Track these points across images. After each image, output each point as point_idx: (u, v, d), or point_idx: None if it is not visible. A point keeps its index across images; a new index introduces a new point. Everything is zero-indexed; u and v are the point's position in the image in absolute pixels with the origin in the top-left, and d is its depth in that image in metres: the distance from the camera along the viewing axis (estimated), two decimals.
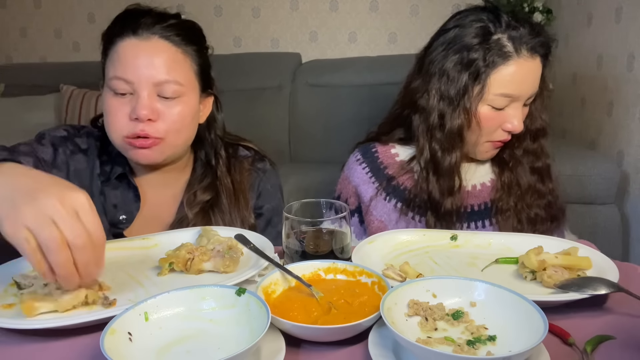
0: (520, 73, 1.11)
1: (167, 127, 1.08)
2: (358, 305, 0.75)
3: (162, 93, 1.07)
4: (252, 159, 1.28)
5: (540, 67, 1.15)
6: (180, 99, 1.09)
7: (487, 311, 0.72)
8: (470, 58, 1.12)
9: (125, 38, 1.08)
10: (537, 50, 1.13)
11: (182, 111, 1.09)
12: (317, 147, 2.67)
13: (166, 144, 1.09)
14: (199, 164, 1.24)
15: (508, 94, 1.12)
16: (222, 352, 0.66)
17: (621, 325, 0.74)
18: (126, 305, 0.72)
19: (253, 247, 0.92)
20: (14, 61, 3.28)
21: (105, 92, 1.10)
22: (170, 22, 1.11)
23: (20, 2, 3.20)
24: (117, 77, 1.06)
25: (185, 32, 1.13)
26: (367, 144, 1.31)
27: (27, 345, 0.73)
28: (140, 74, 1.05)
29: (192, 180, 1.22)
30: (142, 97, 1.05)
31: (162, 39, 1.09)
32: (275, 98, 2.72)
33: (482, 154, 1.22)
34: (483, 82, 1.12)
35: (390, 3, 2.87)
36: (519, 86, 1.12)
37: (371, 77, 2.60)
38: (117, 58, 1.07)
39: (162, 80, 1.06)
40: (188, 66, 1.12)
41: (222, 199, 1.19)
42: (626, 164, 2.02)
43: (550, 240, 0.97)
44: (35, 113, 2.76)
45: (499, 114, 1.14)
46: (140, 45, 1.07)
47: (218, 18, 3.08)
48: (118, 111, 1.07)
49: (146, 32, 1.08)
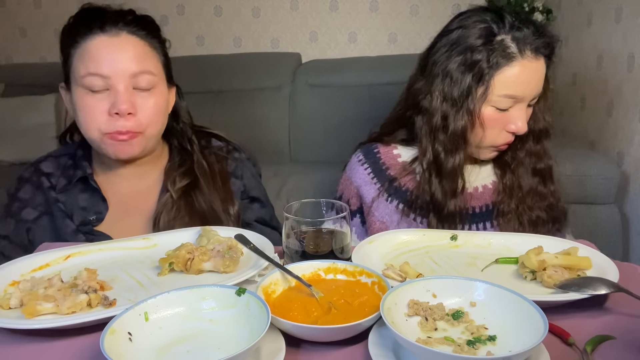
0: (524, 74, 1.11)
1: (146, 119, 1.10)
2: (358, 305, 0.75)
3: (138, 85, 1.09)
4: (226, 149, 1.31)
5: (544, 67, 1.14)
6: (154, 90, 1.12)
7: (487, 311, 0.72)
8: (474, 59, 1.11)
9: (94, 36, 1.09)
10: (541, 51, 1.12)
11: (157, 102, 1.13)
12: (317, 147, 2.68)
13: (145, 136, 1.12)
14: (174, 152, 1.27)
15: (512, 95, 1.12)
16: (222, 352, 0.66)
17: (621, 325, 0.74)
18: (126, 305, 0.72)
19: (253, 247, 0.92)
20: (14, 61, 3.28)
21: (77, 91, 1.10)
22: (131, 17, 1.14)
23: (20, 2, 3.20)
24: (91, 73, 1.07)
25: (148, 26, 1.16)
26: (369, 145, 1.31)
27: (27, 345, 0.73)
28: (115, 67, 1.07)
29: (169, 167, 1.25)
30: (120, 91, 1.07)
31: (130, 34, 1.11)
32: (275, 98, 2.72)
33: (485, 154, 1.22)
34: (487, 83, 1.11)
35: (390, 3, 2.87)
36: (523, 87, 1.12)
37: (371, 77, 2.60)
38: (88, 56, 1.08)
39: (137, 71, 1.09)
40: (157, 58, 1.15)
41: (200, 182, 1.21)
42: (626, 164, 2.02)
43: (550, 240, 0.97)
44: (35, 113, 2.76)
45: (503, 115, 1.14)
46: (111, 42, 1.09)
47: (218, 18, 3.07)
48: (94, 108, 1.08)
49: (114, 28, 1.10)
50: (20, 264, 0.90)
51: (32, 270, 0.90)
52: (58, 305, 0.76)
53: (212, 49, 3.04)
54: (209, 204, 1.19)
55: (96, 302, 0.78)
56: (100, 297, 0.79)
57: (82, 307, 0.77)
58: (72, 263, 0.94)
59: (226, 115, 2.69)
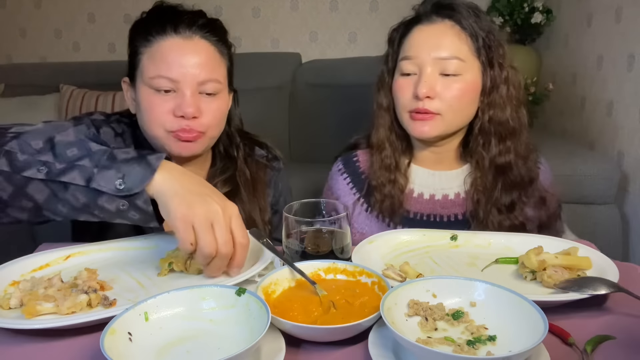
0: (419, 37, 1.16)
1: (208, 122, 1.11)
2: (358, 305, 0.75)
3: (204, 90, 1.10)
4: (267, 157, 1.33)
5: (446, 31, 1.14)
6: (219, 95, 1.13)
7: (487, 311, 0.72)
8: (391, 36, 1.24)
9: (167, 37, 1.09)
10: (437, 14, 1.16)
11: (220, 106, 1.14)
12: (317, 147, 2.67)
13: (206, 137, 1.13)
14: (218, 157, 1.26)
15: (406, 56, 1.16)
16: (222, 352, 0.66)
17: (621, 325, 0.74)
18: (126, 305, 0.72)
19: (266, 242, 0.92)
20: (14, 61, 3.28)
21: (143, 90, 1.10)
22: (203, 21, 1.13)
23: (20, 2, 3.20)
24: (161, 76, 1.07)
25: (218, 31, 1.16)
26: (349, 154, 1.32)
27: (27, 345, 0.73)
28: (185, 73, 1.07)
29: (212, 173, 1.25)
30: (187, 95, 1.07)
31: (203, 39, 1.11)
32: (275, 98, 2.72)
33: (407, 125, 1.18)
34: (395, 50, 1.21)
35: (390, 3, 2.87)
36: (417, 49, 1.15)
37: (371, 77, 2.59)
38: (160, 57, 1.08)
39: (206, 79, 1.09)
40: (224, 65, 1.16)
41: (242, 190, 1.22)
42: (626, 164, 2.02)
43: (550, 240, 0.97)
44: (35, 113, 2.76)
45: (408, 81, 1.16)
46: (184, 45, 1.09)
47: None
48: (160, 107, 1.08)
49: (188, 31, 1.10)
50: (20, 264, 0.90)
51: (32, 270, 0.90)
52: (58, 306, 0.76)
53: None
54: (248, 213, 1.20)
55: (96, 302, 0.78)
56: (100, 297, 0.79)
57: (82, 307, 0.77)
58: (72, 263, 0.94)
59: None
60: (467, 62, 1.13)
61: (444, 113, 1.13)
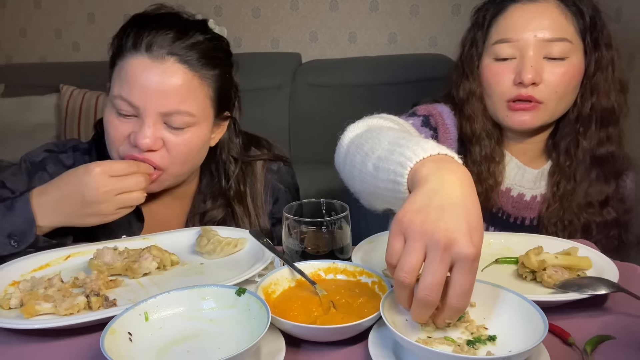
0: (517, 16, 1.06)
1: (171, 158, 0.99)
2: (358, 305, 0.75)
3: (170, 123, 0.97)
4: (264, 161, 1.20)
5: (552, 10, 1.05)
6: (190, 128, 1.00)
7: (487, 311, 0.72)
8: (476, 17, 1.12)
9: (136, 55, 0.97)
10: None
11: (190, 141, 1.00)
12: (317, 147, 2.67)
13: (167, 175, 1.01)
14: (206, 177, 1.16)
15: (505, 39, 1.06)
16: (222, 352, 0.66)
17: (621, 325, 0.73)
18: (126, 305, 0.72)
19: (266, 242, 0.92)
20: (14, 61, 3.28)
21: (108, 107, 1.01)
22: (193, 40, 0.99)
23: (20, 2, 3.20)
24: (122, 97, 0.97)
25: (209, 53, 1.01)
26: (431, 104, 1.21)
27: (27, 345, 0.73)
28: (147, 100, 0.95)
29: (199, 193, 1.16)
30: (147, 125, 0.96)
31: (179, 63, 0.97)
32: (275, 98, 2.72)
33: (504, 116, 1.10)
34: (485, 32, 1.10)
35: (390, 3, 2.87)
36: (518, 30, 1.05)
37: (371, 77, 2.59)
38: (124, 76, 0.97)
39: (172, 111, 0.96)
40: (203, 94, 1.01)
41: (236, 213, 1.14)
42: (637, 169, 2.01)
43: (550, 240, 0.97)
44: (35, 113, 2.76)
45: (505, 66, 1.06)
46: (152, 68, 0.96)
47: (218, 18, 3.07)
48: (117, 131, 0.99)
49: (162, 50, 0.96)
50: (20, 264, 0.90)
51: (32, 270, 0.90)
52: (56, 306, 0.75)
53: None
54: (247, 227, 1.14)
55: (97, 305, 0.77)
56: (101, 301, 0.78)
57: (79, 309, 0.76)
58: (72, 263, 0.94)
59: None
60: (574, 43, 1.04)
61: (547, 101, 1.04)
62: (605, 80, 1.07)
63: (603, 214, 1.09)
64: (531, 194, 1.16)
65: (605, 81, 1.07)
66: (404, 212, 0.62)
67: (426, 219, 0.60)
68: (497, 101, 1.09)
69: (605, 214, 1.09)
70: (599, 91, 1.07)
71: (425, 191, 0.63)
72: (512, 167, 1.15)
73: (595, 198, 1.09)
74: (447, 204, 0.60)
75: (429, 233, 0.59)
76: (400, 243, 0.62)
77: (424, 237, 0.59)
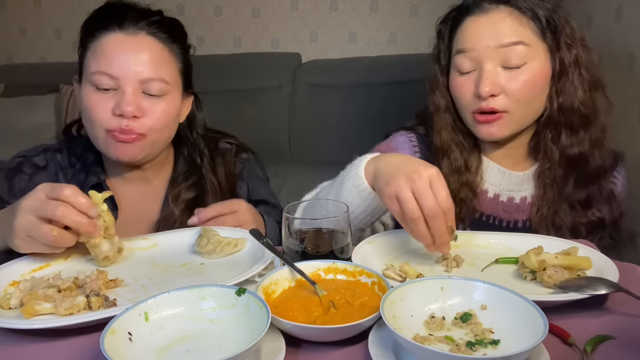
0: (473, 27, 1.06)
1: (151, 124, 1.07)
2: (358, 305, 0.75)
3: (148, 90, 1.06)
4: (235, 151, 1.29)
5: (505, 18, 1.04)
6: (165, 96, 1.09)
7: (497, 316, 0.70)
8: (440, 29, 1.15)
9: (110, 32, 1.06)
10: (492, 0, 1.06)
11: (167, 109, 1.09)
12: (317, 147, 2.67)
13: (148, 141, 1.09)
14: (181, 160, 1.23)
15: (461, 49, 1.05)
16: (222, 352, 0.66)
17: (621, 325, 0.73)
18: (126, 305, 0.72)
19: (266, 242, 0.92)
20: (14, 61, 3.28)
21: (85, 87, 1.08)
22: (156, 18, 1.11)
23: (20, 2, 3.20)
24: (100, 72, 1.04)
25: (171, 29, 1.13)
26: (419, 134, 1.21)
27: (27, 345, 0.73)
28: (126, 70, 1.04)
29: (175, 177, 1.22)
30: (127, 93, 1.04)
31: (149, 35, 1.08)
32: (275, 98, 2.72)
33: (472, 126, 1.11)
34: (446, 44, 1.12)
35: (390, 3, 2.87)
36: (474, 41, 1.05)
37: (371, 77, 2.59)
38: (100, 52, 1.06)
39: (149, 77, 1.06)
40: (173, 64, 1.12)
41: (208, 197, 1.19)
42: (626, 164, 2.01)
43: (550, 240, 0.97)
44: (35, 113, 2.76)
45: (468, 79, 1.06)
46: (127, 41, 1.06)
47: (218, 18, 3.07)
48: (100, 106, 1.06)
49: (133, 27, 1.07)
50: (20, 264, 0.90)
51: (32, 270, 0.90)
52: (56, 306, 0.75)
53: (212, 49, 3.03)
54: None
55: (97, 305, 0.77)
56: (101, 301, 0.78)
57: (79, 310, 0.76)
58: (72, 263, 0.94)
59: (226, 115, 2.67)
60: (533, 46, 1.03)
61: (511, 110, 1.04)
62: (570, 81, 1.05)
63: (588, 215, 1.09)
64: (520, 196, 1.16)
65: (570, 82, 1.05)
66: (385, 190, 0.86)
67: (399, 179, 0.84)
68: (465, 113, 1.10)
69: (590, 215, 1.09)
70: (564, 93, 1.06)
71: (383, 172, 0.90)
72: (495, 174, 1.15)
73: (576, 199, 1.08)
74: (399, 163, 0.89)
75: (409, 181, 0.83)
76: (398, 206, 0.84)
77: (407, 186, 0.83)
